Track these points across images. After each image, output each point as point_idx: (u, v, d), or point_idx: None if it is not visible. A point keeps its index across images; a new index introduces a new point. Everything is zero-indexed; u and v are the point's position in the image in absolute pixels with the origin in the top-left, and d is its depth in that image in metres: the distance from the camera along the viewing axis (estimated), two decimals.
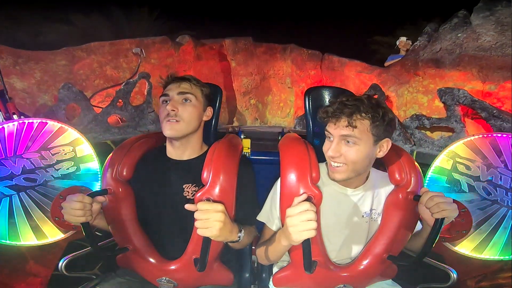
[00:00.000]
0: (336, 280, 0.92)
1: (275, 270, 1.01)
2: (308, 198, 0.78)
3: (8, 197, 1.32)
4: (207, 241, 0.77)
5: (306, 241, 0.73)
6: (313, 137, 1.23)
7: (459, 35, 2.29)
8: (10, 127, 1.35)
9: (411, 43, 3.42)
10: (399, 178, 0.93)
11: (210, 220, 0.75)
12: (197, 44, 3.60)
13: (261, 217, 1.02)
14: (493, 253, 1.31)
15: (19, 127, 1.37)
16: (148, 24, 7.27)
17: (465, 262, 1.35)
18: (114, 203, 0.95)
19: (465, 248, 1.33)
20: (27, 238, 1.33)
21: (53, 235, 1.37)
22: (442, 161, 1.40)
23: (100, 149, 1.49)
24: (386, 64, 3.41)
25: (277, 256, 0.94)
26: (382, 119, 0.83)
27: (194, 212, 0.76)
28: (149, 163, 1.03)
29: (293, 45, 3.75)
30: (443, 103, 2.03)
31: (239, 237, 0.87)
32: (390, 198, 0.94)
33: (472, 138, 1.38)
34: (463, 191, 1.36)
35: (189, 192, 0.97)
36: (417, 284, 1.07)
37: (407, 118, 2.18)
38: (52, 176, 1.39)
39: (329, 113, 0.86)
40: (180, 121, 0.95)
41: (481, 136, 1.37)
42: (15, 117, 1.59)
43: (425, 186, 1.39)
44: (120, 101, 2.26)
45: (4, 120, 1.57)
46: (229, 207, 0.86)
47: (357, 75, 3.09)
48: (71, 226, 1.33)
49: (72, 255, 0.99)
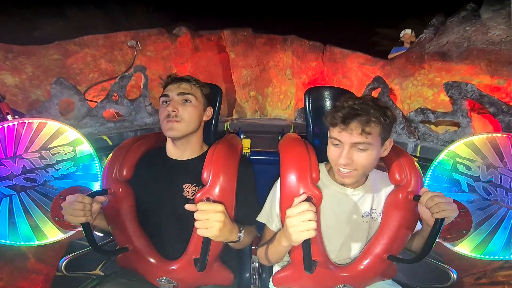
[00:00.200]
0: (336, 280, 0.92)
1: (275, 270, 1.01)
2: (307, 198, 0.78)
3: (8, 197, 1.32)
4: (207, 241, 0.77)
5: (306, 241, 0.73)
6: (313, 137, 1.23)
7: (467, 28, 2.23)
8: (10, 127, 1.35)
9: (415, 36, 3.35)
10: (399, 178, 0.93)
11: (210, 220, 0.75)
12: (195, 35, 3.49)
13: (261, 218, 1.02)
14: (493, 253, 1.31)
15: (19, 127, 1.37)
16: (145, 16, 7.17)
17: (464, 259, 1.35)
18: (114, 203, 0.95)
19: (465, 248, 1.33)
20: (27, 238, 1.33)
21: (53, 235, 1.37)
22: (442, 160, 1.40)
23: (95, 144, 1.49)
24: (390, 56, 3.32)
25: (278, 257, 0.94)
26: (390, 121, 0.83)
27: (194, 212, 0.76)
28: (149, 163, 1.03)
29: (294, 36, 3.64)
30: (449, 97, 1.98)
31: (239, 237, 0.87)
32: (390, 198, 0.94)
33: (472, 138, 1.38)
34: (463, 191, 1.36)
35: (189, 192, 0.97)
36: (417, 284, 1.07)
37: (411, 111, 2.13)
38: (52, 176, 1.39)
39: (339, 119, 0.82)
40: (180, 121, 0.95)
41: (482, 136, 1.37)
42: (9, 117, 1.56)
43: (427, 182, 1.39)
44: (115, 95, 2.22)
45: None
46: (229, 207, 0.86)
47: (360, 67, 3.01)
48: (71, 226, 1.33)
49: (72, 255, 0.98)
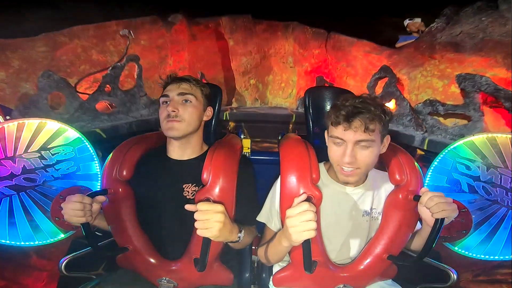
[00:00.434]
0: (336, 280, 0.92)
1: (275, 270, 1.01)
2: (307, 198, 0.78)
3: (8, 197, 1.32)
4: (207, 241, 0.77)
5: (306, 241, 0.73)
6: (313, 137, 1.23)
7: (483, 19, 2.09)
8: (10, 127, 1.35)
9: (424, 25, 3.24)
10: (399, 178, 0.93)
11: (210, 220, 0.75)
12: (191, 23, 3.33)
13: (261, 218, 1.02)
14: (493, 253, 1.31)
15: (19, 127, 1.37)
16: (139, 4, 6.93)
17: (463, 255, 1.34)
18: (114, 203, 0.95)
19: (465, 248, 1.33)
20: (27, 238, 1.33)
21: (53, 235, 1.36)
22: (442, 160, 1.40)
23: (89, 138, 1.46)
24: (397, 45, 3.21)
25: (278, 257, 0.94)
26: (389, 118, 0.87)
27: (194, 212, 0.76)
28: (149, 163, 1.03)
29: (296, 23, 3.48)
30: (461, 89, 1.87)
31: (239, 237, 0.87)
32: (390, 198, 0.94)
33: (472, 138, 1.38)
34: (463, 191, 1.36)
35: (189, 192, 0.97)
36: (417, 284, 1.07)
37: (420, 103, 2.02)
38: (52, 176, 1.39)
39: (341, 117, 0.83)
40: (181, 121, 0.95)
41: (482, 136, 1.37)
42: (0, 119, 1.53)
43: (427, 182, 1.39)
44: (107, 86, 2.13)
45: None
46: (229, 207, 0.86)
47: (365, 55, 2.88)
48: (71, 226, 1.32)
49: (71, 255, 0.98)
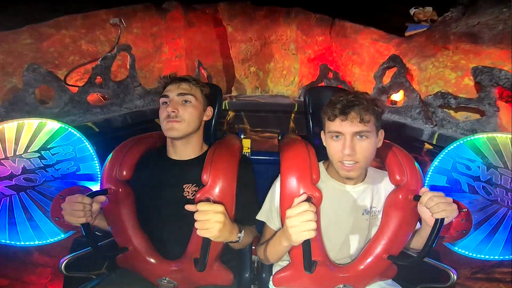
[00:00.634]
0: (336, 280, 0.92)
1: (275, 270, 1.01)
2: (307, 198, 0.78)
3: (8, 197, 1.32)
4: (207, 241, 0.77)
5: (306, 241, 0.73)
6: (313, 137, 1.23)
7: (504, 9, 1.99)
8: (10, 127, 1.35)
9: (436, 14, 3.10)
10: (399, 178, 0.93)
11: (209, 221, 0.75)
12: (187, 9, 3.17)
13: (260, 216, 1.02)
14: (493, 253, 1.31)
15: (19, 127, 1.37)
16: None
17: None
18: (114, 203, 0.95)
19: (465, 248, 1.33)
20: (27, 238, 1.33)
21: (53, 235, 1.37)
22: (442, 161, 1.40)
23: (81, 133, 1.44)
24: (407, 34, 3.05)
25: (278, 256, 0.95)
26: (381, 111, 0.91)
27: (194, 212, 0.76)
28: (149, 163, 1.03)
29: (299, 8, 3.30)
30: (477, 82, 1.79)
31: (239, 237, 0.87)
32: (390, 198, 0.94)
33: (472, 138, 1.38)
34: (463, 191, 1.36)
35: (189, 192, 0.97)
36: (417, 284, 1.07)
37: (430, 95, 1.93)
38: (52, 176, 1.39)
39: (337, 111, 0.86)
40: (180, 122, 0.95)
41: (482, 136, 1.37)
42: None
43: (428, 180, 1.39)
44: (98, 78, 2.06)
45: None
46: (229, 207, 0.86)
47: (373, 43, 2.76)
48: (71, 226, 1.32)
49: (71, 255, 0.98)
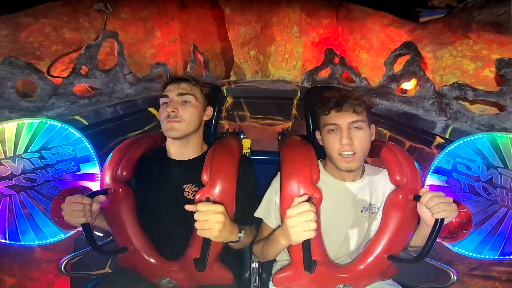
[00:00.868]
0: (336, 280, 0.92)
1: (275, 270, 1.01)
2: (308, 198, 0.78)
3: (8, 197, 1.32)
4: (207, 241, 0.77)
5: (306, 242, 0.73)
6: (313, 137, 1.23)
7: None
8: (10, 127, 1.35)
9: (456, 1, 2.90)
10: (399, 178, 0.93)
11: (209, 221, 0.75)
12: None
13: (258, 213, 1.02)
14: (493, 253, 1.31)
15: (19, 127, 1.37)
16: None
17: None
18: (114, 203, 0.95)
19: (465, 248, 1.33)
20: (27, 238, 1.33)
21: (53, 235, 1.37)
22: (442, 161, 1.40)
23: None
24: (422, 19, 2.89)
25: (275, 254, 0.96)
26: (369, 104, 0.95)
27: (194, 212, 0.76)
28: (149, 163, 1.03)
29: None
30: (500, 75, 1.68)
31: (239, 237, 0.87)
32: (390, 198, 0.94)
33: (472, 137, 1.38)
34: (463, 191, 1.36)
35: (189, 192, 0.97)
36: (417, 284, 1.07)
37: (445, 85, 1.84)
38: (52, 176, 1.39)
39: (332, 104, 0.91)
40: (180, 121, 0.95)
41: (482, 136, 1.37)
42: None
43: (429, 177, 1.39)
44: (83, 67, 1.93)
45: None
46: (229, 207, 0.86)
47: (383, 28, 2.61)
48: (71, 226, 1.33)
49: (71, 255, 0.98)
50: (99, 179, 1.44)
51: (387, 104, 1.99)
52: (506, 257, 1.30)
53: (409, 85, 2.03)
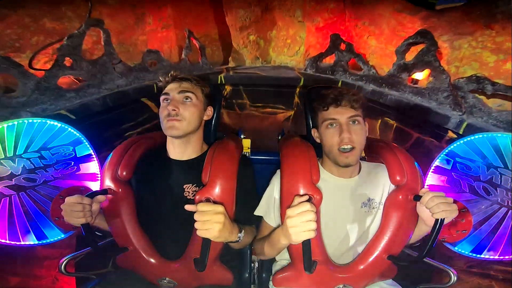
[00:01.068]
0: (336, 280, 0.92)
1: (275, 270, 1.02)
2: (308, 198, 0.78)
3: (8, 197, 1.32)
4: (207, 241, 0.77)
5: (306, 241, 0.73)
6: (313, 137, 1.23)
7: None
8: (10, 127, 1.35)
9: None
10: (399, 178, 0.93)
11: (209, 221, 0.75)
12: None
13: (258, 211, 1.03)
14: (492, 253, 1.31)
15: (19, 127, 1.36)
16: None
17: None
18: (114, 203, 0.95)
19: (465, 248, 1.33)
20: (27, 238, 1.33)
21: (53, 235, 1.36)
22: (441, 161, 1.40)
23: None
24: (438, 7, 2.70)
25: (275, 253, 0.97)
26: (364, 103, 0.97)
27: (194, 212, 0.76)
28: (149, 163, 1.03)
29: None
30: None
31: (239, 237, 0.87)
32: (390, 198, 0.94)
33: (472, 137, 1.38)
34: (463, 191, 1.36)
35: (189, 192, 0.97)
36: (417, 284, 1.07)
37: (461, 77, 1.71)
38: (52, 176, 1.39)
39: (330, 100, 0.94)
40: (181, 120, 0.95)
41: (482, 136, 1.37)
42: None
43: (429, 175, 1.38)
44: (67, 59, 1.81)
45: None
46: (229, 207, 0.86)
47: (394, 14, 2.44)
48: (71, 226, 1.32)
49: (71, 255, 0.98)
50: (99, 179, 1.44)
51: (396, 94, 1.89)
52: (506, 257, 1.30)
53: (420, 75, 1.93)
